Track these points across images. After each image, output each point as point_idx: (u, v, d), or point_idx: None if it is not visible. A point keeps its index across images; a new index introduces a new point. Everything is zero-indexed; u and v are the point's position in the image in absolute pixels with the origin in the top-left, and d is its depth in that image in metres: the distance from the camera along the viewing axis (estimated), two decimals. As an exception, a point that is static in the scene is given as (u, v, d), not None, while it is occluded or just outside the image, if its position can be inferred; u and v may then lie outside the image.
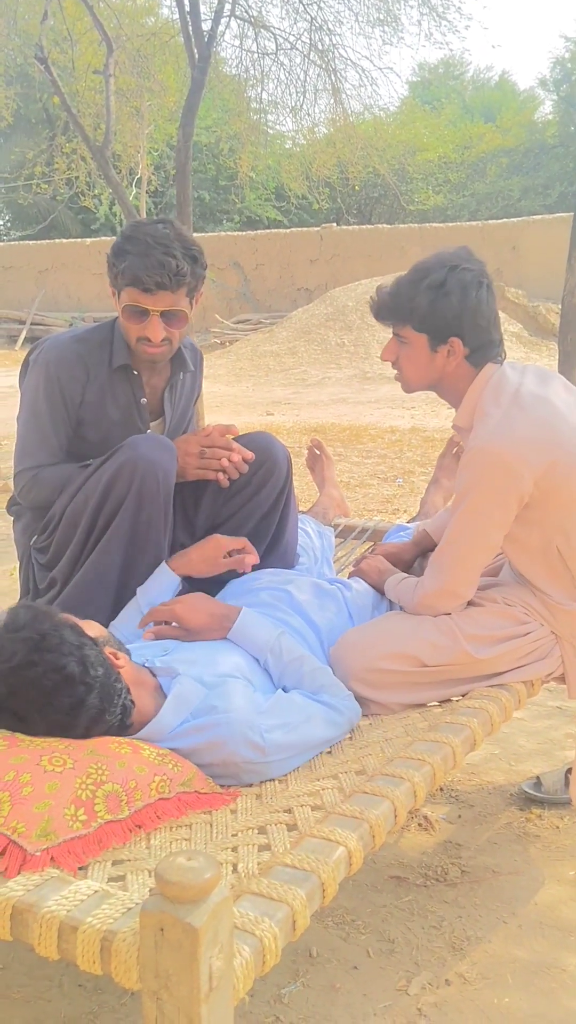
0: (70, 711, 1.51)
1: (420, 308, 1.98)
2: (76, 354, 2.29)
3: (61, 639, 1.54)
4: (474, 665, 1.99)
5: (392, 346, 2.10)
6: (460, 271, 1.97)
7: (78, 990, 1.74)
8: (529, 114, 26.34)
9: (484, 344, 2.01)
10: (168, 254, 2.13)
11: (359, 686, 1.98)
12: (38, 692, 1.49)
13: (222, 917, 1.00)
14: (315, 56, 10.79)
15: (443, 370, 2.04)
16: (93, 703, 1.53)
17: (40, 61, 8.91)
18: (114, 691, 1.58)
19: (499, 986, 1.76)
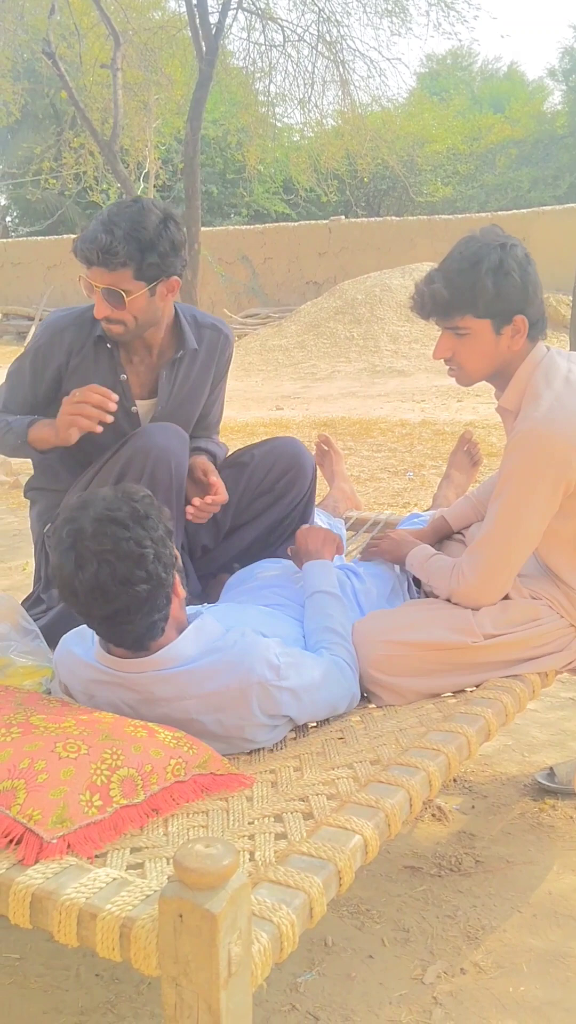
0: (120, 582, 1.59)
1: (486, 292, 1.93)
2: (65, 325, 2.30)
3: (158, 532, 1.65)
4: (487, 650, 1.99)
5: (447, 342, 2.02)
6: (511, 248, 1.96)
7: (95, 979, 1.75)
8: (538, 104, 26.25)
9: (541, 317, 2.01)
10: (107, 231, 2.08)
11: (374, 671, 1.99)
12: (112, 548, 1.59)
13: (240, 904, 1.01)
14: (323, 48, 10.78)
15: (507, 353, 2.00)
16: (140, 593, 1.60)
17: (48, 56, 8.93)
18: (160, 602, 1.66)
19: (514, 975, 1.77)
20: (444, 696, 2.01)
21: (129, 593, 1.60)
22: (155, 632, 1.70)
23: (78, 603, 1.64)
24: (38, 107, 21.63)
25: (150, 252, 2.11)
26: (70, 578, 1.61)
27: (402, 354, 12.85)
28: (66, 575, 1.62)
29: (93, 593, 1.59)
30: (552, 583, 2.07)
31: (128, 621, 1.64)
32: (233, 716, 1.73)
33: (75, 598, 1.63)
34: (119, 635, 1.69)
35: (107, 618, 1.64)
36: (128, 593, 1.60)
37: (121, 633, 1.68)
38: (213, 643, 1.76)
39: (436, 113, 24.46)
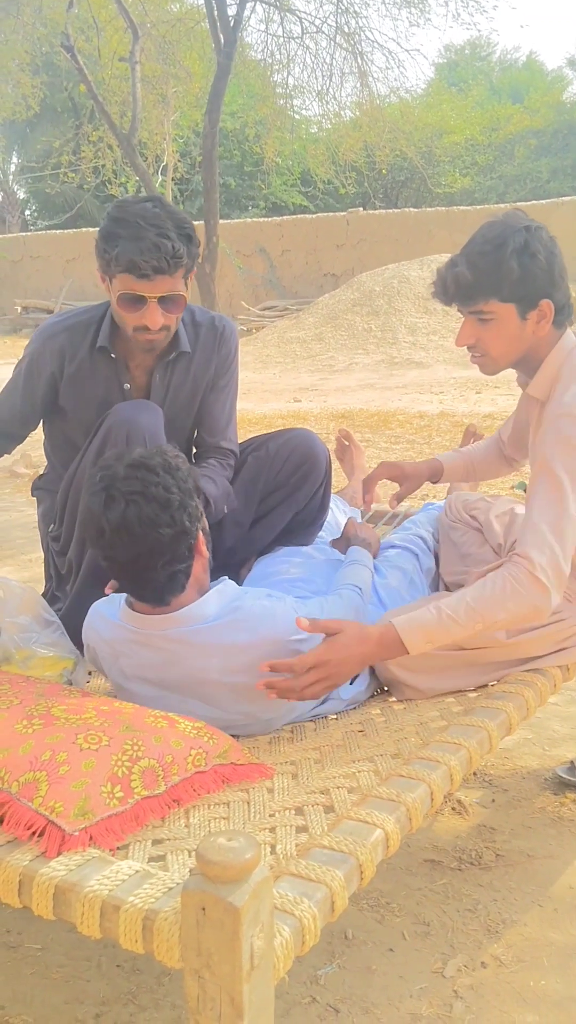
0: (145, 523, 1.65)
1: (511, 275, 1.87)
2: (57, 332, 2.26)
3: (186, 484, 1.72)
4: (511, 647, 1.98)
5: (470, 329, 1.96)
6: (536, 230, 1.92)
7: (116, 970, 1.76)
8: (557, 94, 26.06)
9: (567, 301, 1.96)
10: (163, 235, 2.00)
11: (397, 669, 1.98)
12: (141, 491, 1.66)
13: (263, 897, 1.01)
14: (341, 39, 10.74)
15: (533, 338, 1.95)
16: (163, 536, 1.66)
17: (67, 49, 8.94)
18: (182, 552, 1.71)
19: (535, 969, 1.76)
20: (465, 690, 2.00)
21: (153, 536, 1.65)
22: (176, 586, 1.74)
23: (103, 544, 1.68)
24: (57, 101, 21.67)
25: (194, 246, 2.10)
26: (98, 517, 1.66)
27: (420, 346, 12.80)
28: (95, 514, 1.67)
29: (119, 533, 1.65)
30: (572, 576, 2.06)
31: (151, 567, 1.68)
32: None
33: (101, 538, 1.68)
34: (141, 583, 1.73)
35: (130, 562, 1.68)
36: (152, 536, 1.65)
37: (143, 581, 1.72)
38: (233, 603, 1.80)
39: (454, 104, 24.35)
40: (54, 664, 1.91)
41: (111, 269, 2.06)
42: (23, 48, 12.50)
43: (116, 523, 1.65)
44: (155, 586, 1.72)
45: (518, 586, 1.76)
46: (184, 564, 1.73)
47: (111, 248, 2.03)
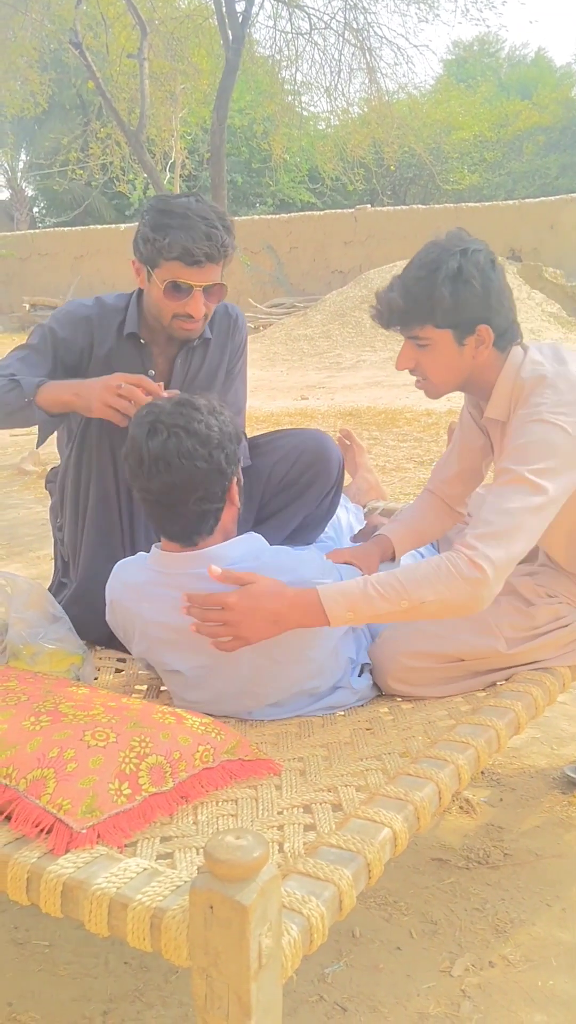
0: (183, 455, 1.72)
1: (443, 302, 1.82)
2: (83, 315, 2.27)
3: (228, 428, 1.79)
4: (510, 658, 1.97)
5: (409, 352, 1.92)
6: (472, 253, 1.84)
7: (124, 967, 1.76)
8: (566, 90, 25.96)
9: (509, 326, 1.90)
10: (212, 227, 2.10)
11: (397, 684, 1.98)
12: (184, 425, 1.74)
13: (271, 896, 1.01)
14: (350, 35, 10.71)
15: (472, 364, 1.90)
16: (199, 470, 1.73)
17: (75, 46, 8.95)
18: (215, 491, 1.77)
19: (543, 968, 1.76)
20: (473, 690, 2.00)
21: (188, 468, 1.72)
22: (205, 526, 1.80)
23: (142, 473, 1.74)
24: (65, 97, 21.69)
25: (233, 239, 2.17)
26: (139, 446, 1.74)
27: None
28: (137, 443, 1.75)
29: (157, 462, 1.72)
30: (567, 578, 2.05)
31: (183, 501, 1.75)
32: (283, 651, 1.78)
33: (140, 467, 1.74)
34: (172, 518, 1.79)
35: (165, 493, 1.74)
36: (188, 468, 1.72)
37: (174, 516, 1.78)
38: (259, 551, 1.86)
39: (463, 100, 24.29)
40: (62, 660, 1.91)
41: (158, 258, 2.12)
42: (31, 45, 12.51)
43: (156, 452, 1.72)
44: (185, 522, 1.79)
45: (452, 570, 1.69)
46: (216, 505, 1.79)
47: (162, 237, 2.09)
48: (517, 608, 2.00)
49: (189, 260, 2.09)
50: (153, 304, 2.22)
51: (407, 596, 1.69)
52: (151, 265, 2.16)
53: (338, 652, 1.93)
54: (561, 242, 15.91)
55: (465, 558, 1.69)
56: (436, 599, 1.68)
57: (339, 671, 1.94)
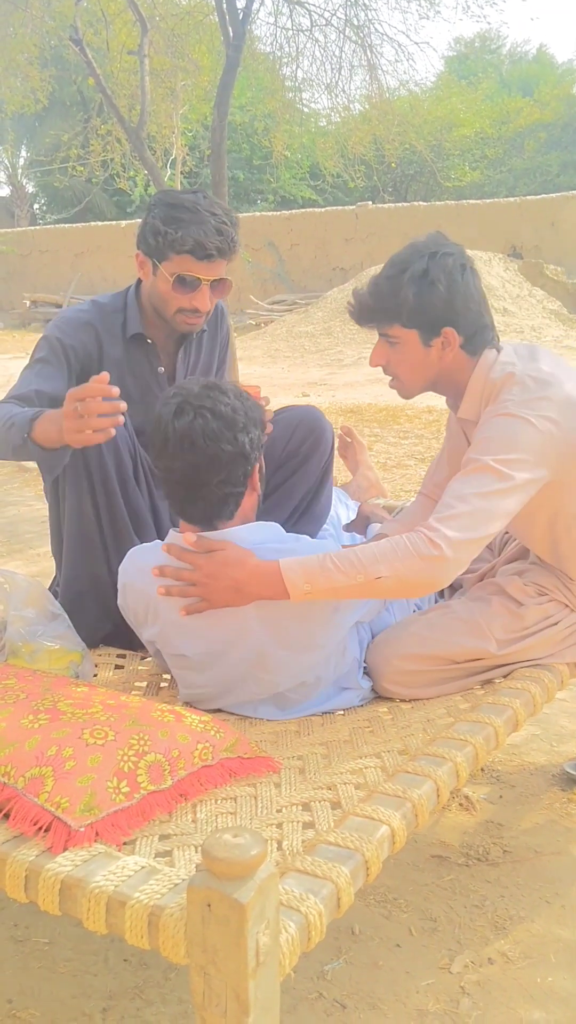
0: (208, 436, 1.73)
1: (407, 302, 1.86)
2: (85, 321, 2.26)
3: (254, 413, 1.81)
4: (503, 658, 1.97)
5: (380, 350, 1.96)
6: (441, 257, 1.87)
7: (123, 965, 1.76)
8: (568, 87, 25.93)
9: (478, 330, 1.91)
10: (222, 222, 2.14)
11: (393, 687, 1.98)
12: (211, 407, 1.75)
13: (268, 893, 1.01)
14: (350, 32, 10.68)
15: (439, 365, 1.93)
16: (223, 453, 1.74)
17: (75, 42, 8.93)
18: (237, 475, 1.79)
19: (542, 965, 1.76)
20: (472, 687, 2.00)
21: (213, 449, 1.73)
22: (226, 510, 1.82)
23: (166, 452, 1.76)
24: (65, 94, 21.67)
25: (239, 235, 2.20)
26: (165, 425, 1.75)
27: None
28: (163, 423, 1.76)
29: (183, 441, 1.73)
30: (555, 576, 2.05)
31: (206, 483, 1.76)
32: (289, 608, 1.78)
33: (165, 447, 1.76)
34: (193, 499, 1.80)
35: (187, 473, 1.76)
36: (212, 449, 1.73)
37: (195, 498, 1.79)
38: (281, 537, 1.88)
39: (464, 97, 24.25)
40: (61, 657, 1.91)
41: (167, 251, 2.14)
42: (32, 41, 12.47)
43: (182, 432, 1.73)
44: (206, 504, 1.80)
45: (410, 548, 1.70)
46: (237, 489, 1.81)
47: (174, 230, 2.11)
48: (508, 609, 2.00)
49: (201, 254, 2.12)
50: (158, 297, 2.23)
51: (363, 571, 1.70)
52: (159, 258, 2.17)
53: (346, 647, 1.93)
54: (562, 239, 15.90)
55: (424, 537, 1.71)
56: (392, 575, 1.70)
57: (345, 667, 1.94)
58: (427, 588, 1.77)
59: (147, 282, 2.25)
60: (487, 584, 2.11)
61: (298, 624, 1.81)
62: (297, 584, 1.71)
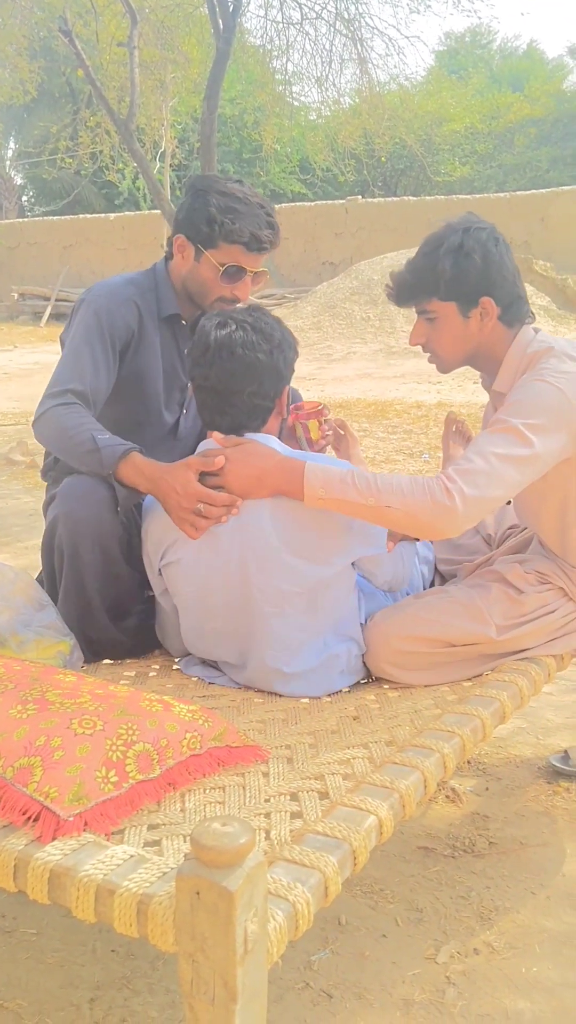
0: (246, 346, 1.86)
1: (445, 274, 1.94)
2: (128, 296, 2.23)
3: (289, 340, 1.95)
4: (500, 644, 1.99)
5: (420, 328, 2.04)
6: (474, 231, 1.95)
7: (111, 955, 1.77)
8: (558, 83, 25.94)
9: (514, 300, 1.98)
10: (270, 215, 2.19)
11: (389, 668, 1.99)
12: (252, 322, 1.90)
13: (256, 882, 1.02)
14: (341, 25, 10.67)
15: (479, 336, 2.00)
16: (258, 361, 1.87)
17: (64, 34, 8.89)
18: (268, 388, 1.90)
19: (527, 955, 1.77)
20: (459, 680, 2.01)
21: (250, 358, 1.86)
22: (253, 422, 1.92)
23: (205, 360, 1.88)
24: (54, 86, 21.55)
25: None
26: (207, 334, 1.88)
27: (418, 335, 12.76)
28: (204, 332, 1.89)
29: (221, 349, 1.86)
30: (556, 565, 2.07)
31: (238, 390, 1.87)
32: (306, 512, 1.84)
33: (204, 354, 1.88)
34: (224, 408, 1.90)
35: (222, 380, 1.87)
36: (249, 357, 1.86)
37: (226, 406, 1.90)
38: (303, 454, 1.91)
39: (454, 92, 24.26)
40: (49, 647, 1.91)
41: (218, 240, 2.16)
42: (20, 32, 12.41)
43: (222, 340, 1.86)
44: (237, 412, 1.90)
45: (426, 490, 1.76)
46: (267, 403, 1.92)
47: (231, 221, 2.13)
48: (507, 595, 2.02)
49: (255, 246, 2.17)
50: (198, 283, 2.23)
51: (376, 495, 1.76)
52: (206, 245, 2.17)
53: (352, 583, 1.98)
54: (551, 235, 15.93)
55: (442, 485, 1.76)
56: (402, 509, 1.76)
57: (347, 607, 1.98)
58: (429, 533, 1.84)
59: (185, 266, 2.23)
60: (486, 572, 2.13)
61: (311, 534, 1.86)
62: (315, 487, 1.78)
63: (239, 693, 1.96)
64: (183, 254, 2.22)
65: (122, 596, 2.13)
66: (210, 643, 1.99)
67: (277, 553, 1.85)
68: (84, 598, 2.07)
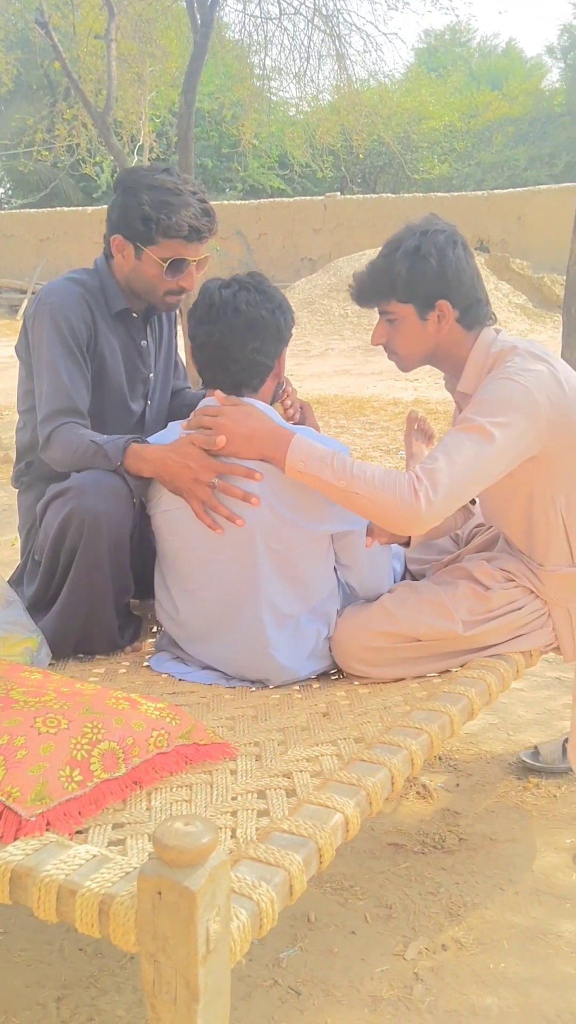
0: (250, 304, 1.92)
1: (400, 277, 1.95)
2: (79, 295, 2.22)
3: (286, 303, 2.01)
4: (468, 640, 1.99)
5: (380, 328, 2.06)
6: (432, 234, 1.96)
7: (78, 954, 1.76)
8: (536, 82, 26.01)
9: (472, 303, 1.99)
10: (203, 200, 2.16)
11: (356, 664, 1.99)
12: (256, 284, 1.97)
13: (219, 881, 1.01)
14: (319, 21, 10.65)
15: (436, 338, 2.01)
16: (260, 319, 1.93)
17: (41, 26, 8.80)
18: (268, 347, 1.96)
19: (495, 951, 1.78)
20: (429, 675, 2.01)
21: (253, 315, 1.92)
22: (253, 379, 1.97)
23: (209, 317, 1.93)
24: (31, 78, 21.36)
25: None
26: (211, 293, 1.95)
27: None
28: (208, 291, 1.96)
29: (225, 306, 1.92)
30: (523, 563, 2.07)
31: (240, 345, 1.92)
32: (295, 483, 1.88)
33: (208, 311, 1.94)
34: (225, 364, 1.95)
35: (226, 336, 1.92)
36: (252, 314, 1.92)
37: (228, 362, 1.94)
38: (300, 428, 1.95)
39: (433, 89, 24.24)
40: (16, 643, 1.89)
41: (157, 236, 2.14)
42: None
43: (226, 298, 1.92)
44: (238, 369, 1.95)
45: (395, 485, 1.79)
46: (266, 362, 1.97)
47: (167, 216, 2.11)
48: (474, 592, 2.03)
49: (195, 237, 2.15)
50: (143, 280, 2.22)
51: (347, 480, 1.81)
52: (146, 243, 2.16)
53: (334, 592, 2.05)
54: (528, 234, 15.98)
55: (411, 484, 1.80)
56: (369, 498, 1.80)
57: (327, 586, 2.04)
58: (392, 527, 1.87)
59: (127, 265, 2.22)
60: (454, 569, 2.14)
61: (298, 497, 1.90)
62: (295, 459, 1.83)
63: (209, 689, 1.95)
64: (123, 254, 2.21)
65: (121, 590, 2.13)
66: (191, 604, 2.00)
67: (275, 506, 1.90)
68: (95, 592, 2.06)
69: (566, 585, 2.04)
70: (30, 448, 2.30)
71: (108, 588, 2.07)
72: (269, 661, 1.95)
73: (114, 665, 2.08)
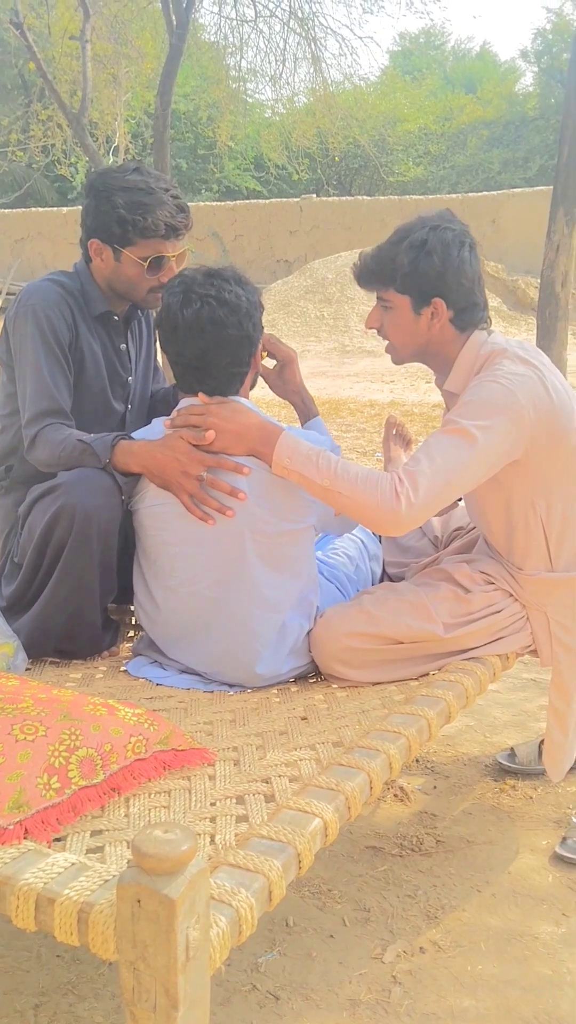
0: (215, 323, 1.88)
1: (402, 267, 1.96)
2: (60, 296, 2.22)
3: (253, 297, 1.97)
4: (448, 642, 2.00)
5: (376, 312, 2.07)
6: (442, 231, 1.96)
7: (56, 961, 1.75)
8: (510, 86, 26.15)
9: (468, 306, 1.99)
10: (176, 196, 2.17)
11: (336, 665, 2.00)
12: (215, 295, 1.89)
13: (199, 888, 1.01)
14: (295, 24, 10.67)
15: (428, 334, 2.01)
16: (229, 336, 1.90)
17: (15, 26, 8.77)
18: (243, 356, 1.94)
19: (472, 953, 1.79)
20: (407, 678, 2.02)
21: (220, 334, 1.89)
22: (232, 387, 1.96)
23: (176, 339, 1.91)
24: (6, 78, 21.25)
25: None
26: (175, 315, 1.90)
27: (372, 334, 12.81)
28: (171, 311, 1.91)
29: (191, 329, 1.89)
30: (501, 566, 2.09)
31: (214, 363, 1.91)
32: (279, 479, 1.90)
33: (175, 334, 1.91)
34: (203, 379, 1.94)
35: (197, 356, 1.91)
36: (220, 334, 1.89)
37: (205, 377, 1.94)
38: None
39: (408, 92, 24.34)
40: (-7, 652, 1.88)
41: (135, 237, 2.14)
42: (-29, 23, 12.23)
43: (190, 320, 1.88)
44: (216, 382, 1.94)
45: (377, 485, 1.80)
46: (243, 369, 1.97)
47: (142, 217, 2.12)
48: (455, 594, 2.04)
49: (172, 234, 2.16)
50: (124, 281, 2.22)
51: (331, 478, 1.82)
52: (123, 244, 2.16)
53: (314, 582, 2.08)
54: (502, 237, 16.07)
55: (392, 486, 1.80)
56: (351, 497, 1.82)
57: (311, 577, 2.06)
58: (372, 527, 1.90)
59: (107, 268, 2.22)
60: (434, 571, 2.15)
61: (280, 493, 1.93)
62: (282, 455, 1.85)
63: (187, 694, 1.95)
64: (101, 257, 2.21)
65: (106, 590, 2.12)
66: (173, 601, 2.00)
67: (253, 502, 1.90)
68: (82, 589, 2.05)
69: (545, 589, 2.05)
70: (10, 452, 2.29)
71: (95, 585, 2.05)
72: (253, 655, 1.95)
73: (91, 670, 2.07)
